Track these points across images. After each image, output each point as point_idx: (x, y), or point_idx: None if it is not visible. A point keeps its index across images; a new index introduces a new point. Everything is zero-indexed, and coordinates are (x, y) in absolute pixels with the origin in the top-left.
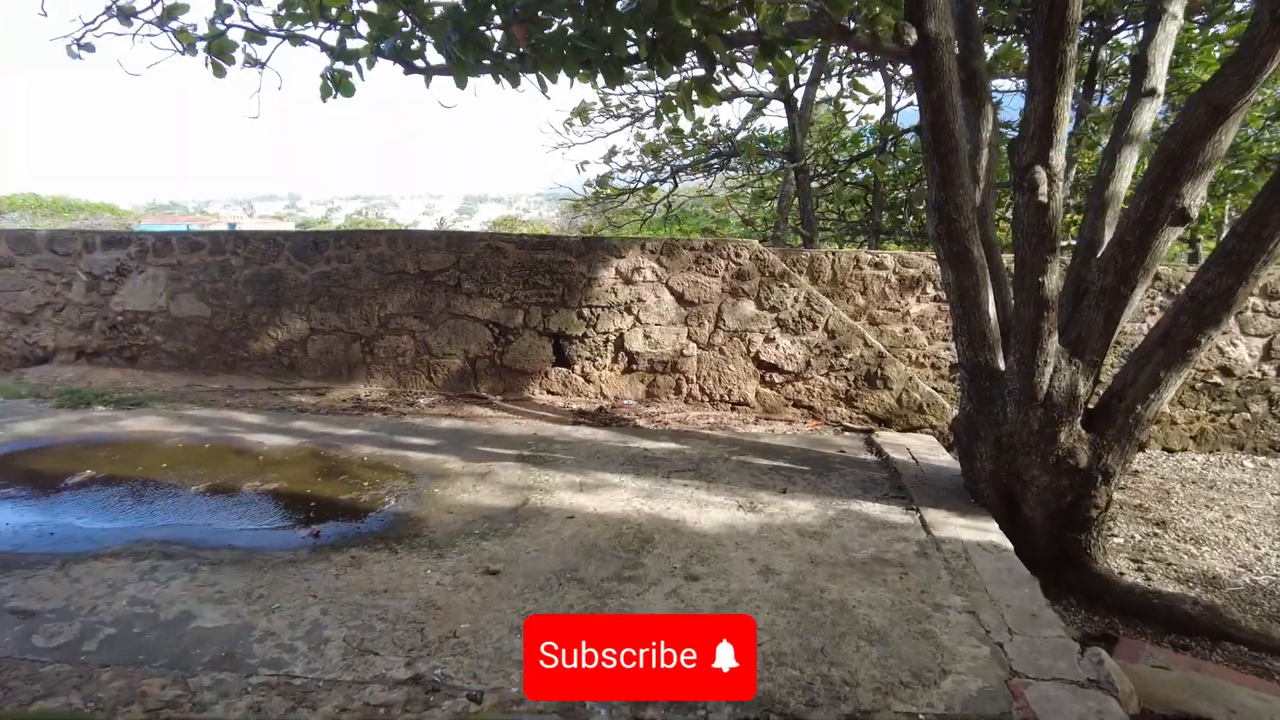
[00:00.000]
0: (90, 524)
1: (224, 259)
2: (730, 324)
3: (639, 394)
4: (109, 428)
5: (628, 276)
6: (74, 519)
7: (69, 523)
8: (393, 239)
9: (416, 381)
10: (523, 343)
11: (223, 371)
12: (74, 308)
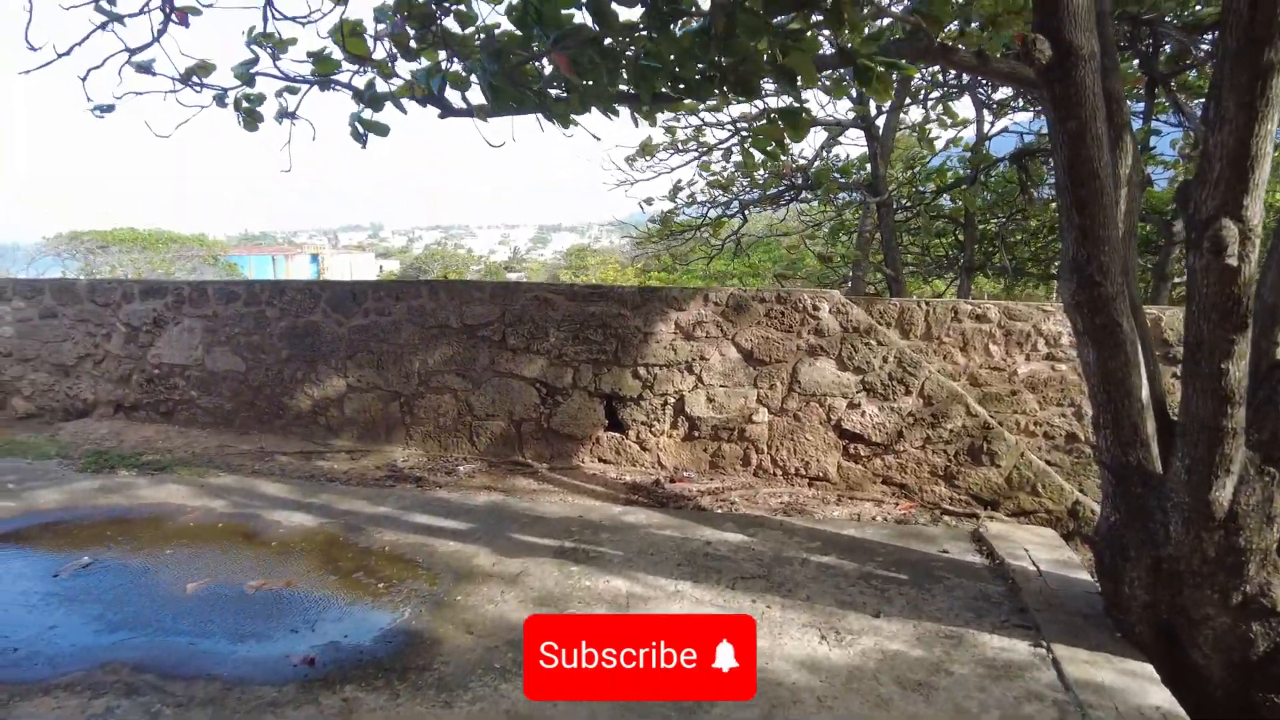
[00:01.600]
0: (62, 636)
1: (259, 310)
2: (807, 386)
3: (701, 464)
4: (125, 499)
5: (689, 331)
6: (48, 626)
7: (40, 633)
8: (434, 290)
9: (458, 445)
10: (572, 404)
11: (257, 429)
12: (113, 359)
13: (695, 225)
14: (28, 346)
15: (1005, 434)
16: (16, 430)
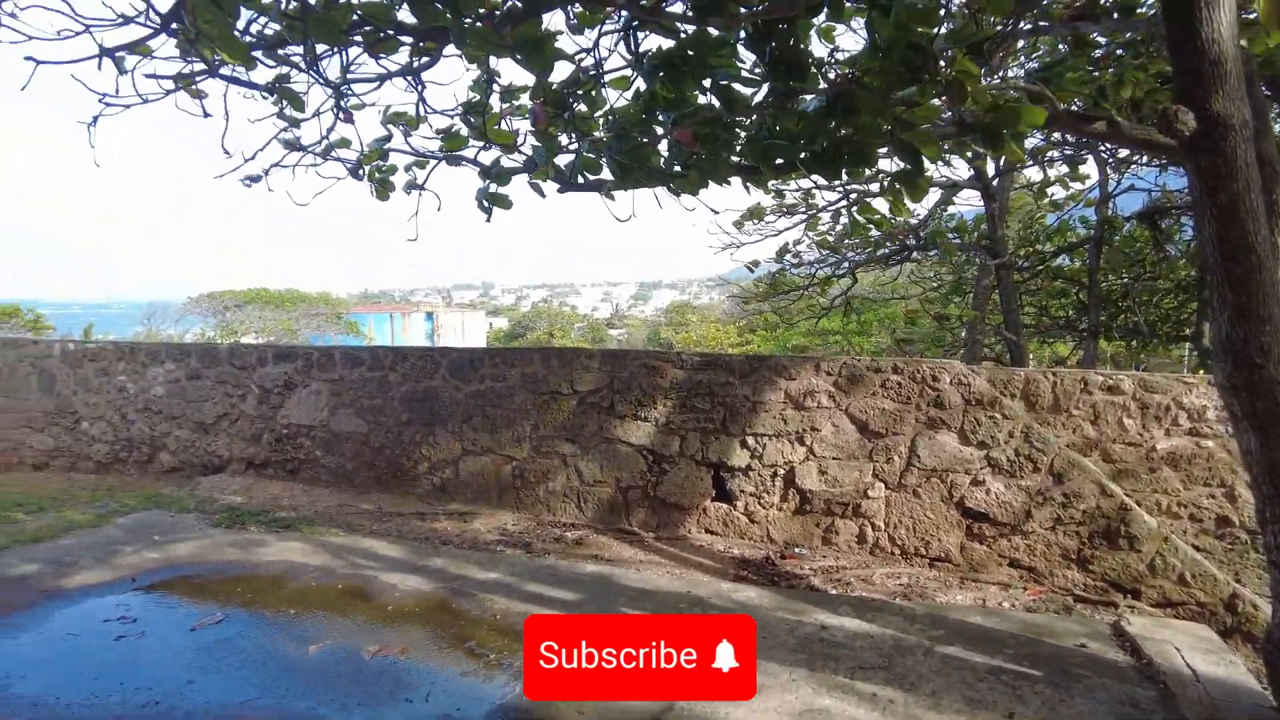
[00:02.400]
0: (198, 692)
1: (383, 375)
2: (926, 461)
3: (813, 540)
4: (254, 555)
5: (799, 401)
6: (186, 680)
7: (178, 687)
8: (546, 357)
9: (566, 510)
10: (679, 473)
11: (376, 489)
12: (246, 419)
13: (803, 285)
14: (175, 405)
15: (1144, 515)
16: (162, 483)
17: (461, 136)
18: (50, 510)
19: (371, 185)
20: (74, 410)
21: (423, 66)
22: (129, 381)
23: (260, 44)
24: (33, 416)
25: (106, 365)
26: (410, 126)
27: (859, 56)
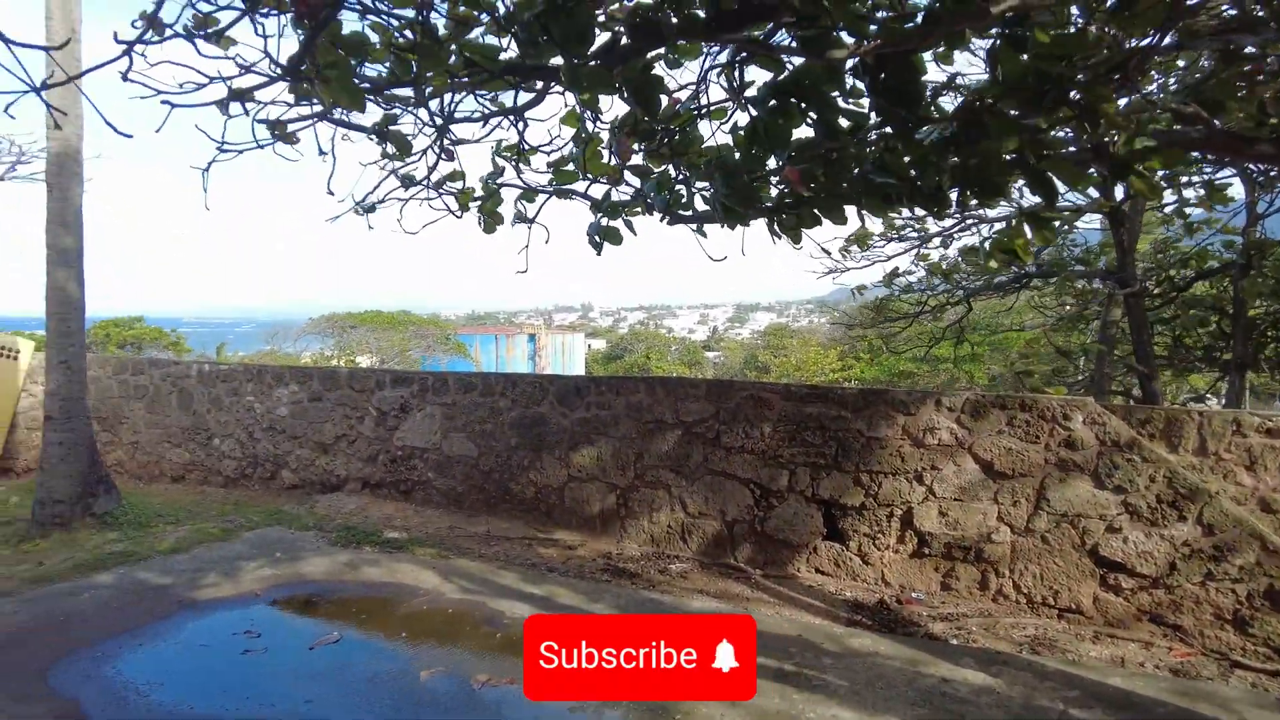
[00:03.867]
0: (314, 712)
1: (493, 400)
2: (1057, 505)
3: (931, 584)
4: (369, 575)
5: (918, 438)
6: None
7: (296, 706)
8: (651, 386)
9: (670, 542)
10: (787, 509)
11: (485, 512)
12: (363, 440)
13: (913, 313)
14: (297, 425)
15: None
16: (283, 499)
17: (571, 171)
18: (185, 522)
19: (480, 218)
20: (207, 427)
21: (527, 105)
22: (256, 401)
23: (370, 87)
24: (172, 432)
25: (237, 386)
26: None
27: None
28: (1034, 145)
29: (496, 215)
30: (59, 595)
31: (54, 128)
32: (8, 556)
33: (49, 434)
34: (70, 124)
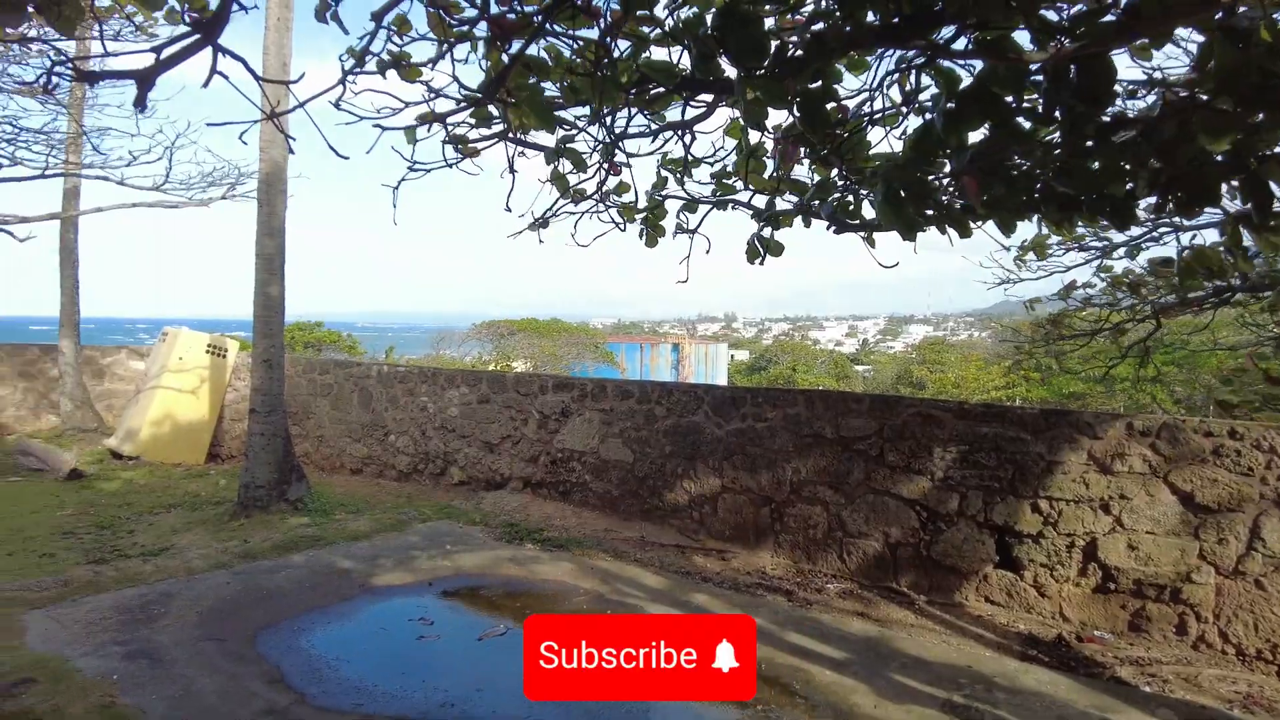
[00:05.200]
0: (485, 700)
1: (649, 408)
2: (1275, 546)
3: (1117, 624)
4: (530, 572)
5: (1105, 464)
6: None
7: (468, 694)
8: (810, 400)
9: (826, 560)
10: (956, 533)
11: (638, 518)
12: (526, 442)
13: (1094, 330)
14: (466, 425)
15: None
16: (451, 495)
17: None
18: (364, 512)
19: (643, 230)
20: (384, 424)
21: (695, 119)
22: (429, 402)
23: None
24: (352, 428)
25: (412, 387)
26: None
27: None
28: (1250, 146)
29: (659, 228)
30: (262, 572)
31: (288, 152)
32: (220, 533)
33: (252, 425)
34: (278, 147)
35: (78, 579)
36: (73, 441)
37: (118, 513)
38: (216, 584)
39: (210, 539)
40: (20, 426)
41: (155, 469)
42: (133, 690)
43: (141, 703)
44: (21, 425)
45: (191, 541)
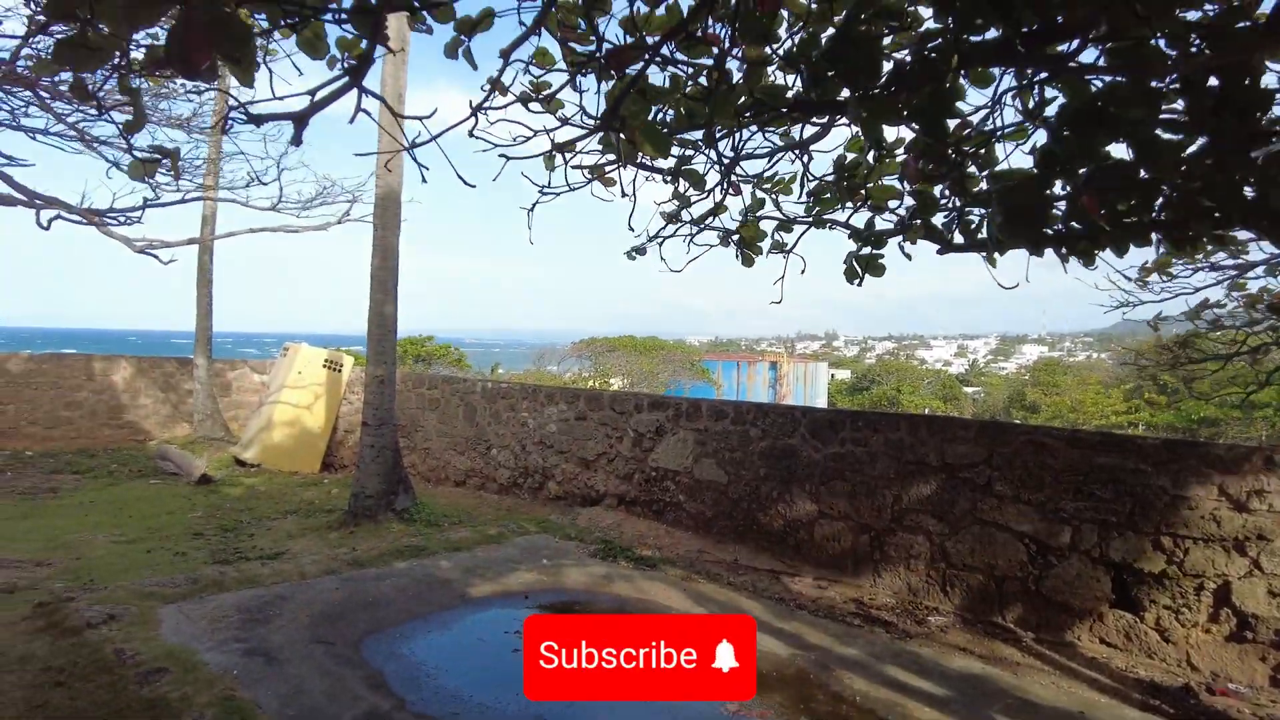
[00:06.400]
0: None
1: (744, 429)
2: None
3: (1255, 676)
4: (625, 589)
5: (1240, 501)
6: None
7: (557, 712)
8: (914, 425)
9: (929, 593)
10: (1068, 569)
11: (732, 540)
12: (621, 459)
13: (1230, 354)
14: (563, 441)
15: None
16: (548, 509)
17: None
18: (466, 524)
19: (738, 251)
20: (487, 439)
21: (813, 138)
22: (529, 418)
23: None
24: (457, 441)
25: (513, 403)
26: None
27: None
28: None
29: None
30: (368, 579)
31: (420, 181)
32: (332, 540)
33: (364, 438)
34: (393, 173)
35: (205, 578)
36: (203, 449)
37: (240, 517)
38: (326, 589)
39: (322, 545)
40: (160, 433)
41: (274, 476)
42: (251, 685)
43: (258, 697)
44: (161, 432)
45: (305, 547)
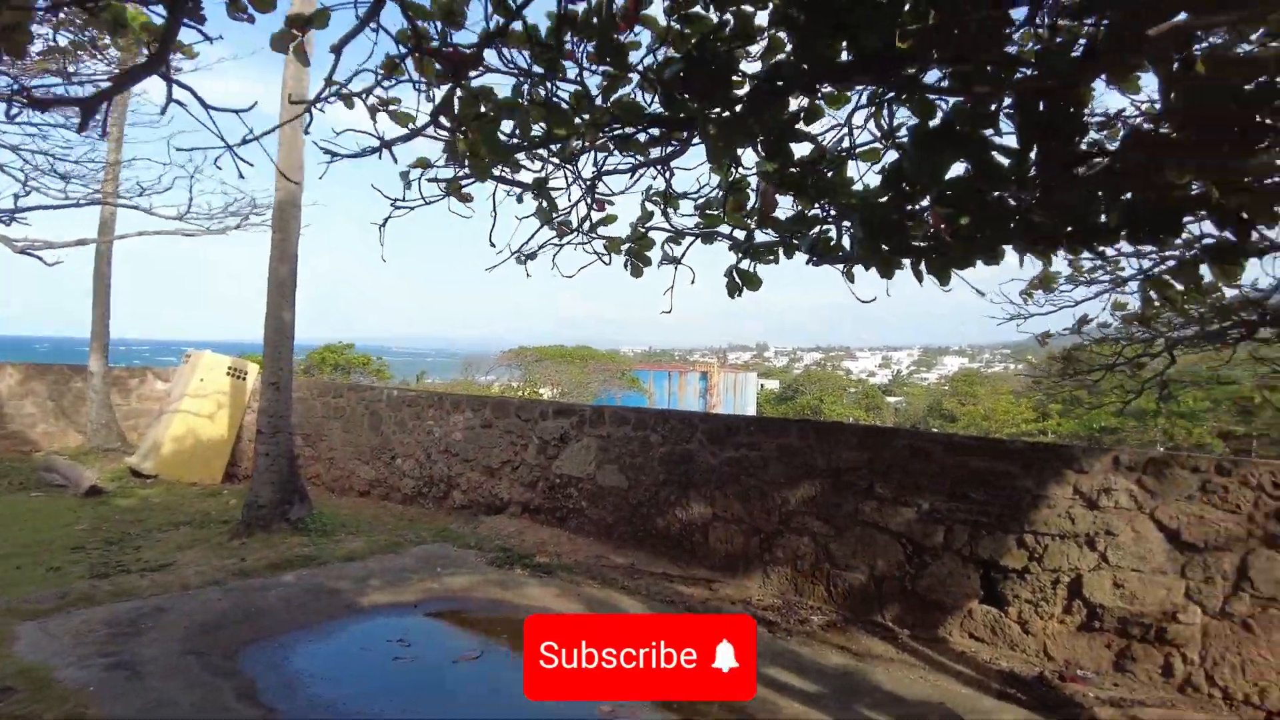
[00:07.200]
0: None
1: (645, 435)
2: (1264, 587)
3: (1101, 663)
4: (516, 597)
5: (1091, 499)
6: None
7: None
8: (803, 430)
9: (813, 592)
10: (941, 567)
11: (631, 544)
12: (526, 467)
13: (1106, 365)
14: (469, 449)
15: None
16: (451, 518)
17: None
18: (363, 534)
19: (626, 261)
20: (392, 448)
21: (671, 155)
22: (435, 426)
23: (524, 146)
24: (362, 450)
25: (420, 411)
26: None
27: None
28: (1220, 178)
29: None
30: (253, 589)
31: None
32: (221, 550)
33: (259, 446)
34: (294, 177)
35: (75, 592)
36: (96, 459)
37: (128, 529)
38: (208, 600)
39: (211, 556)
40: (48, 444)
41: (172, 487)
42: (107, 701)
43: (113, 713)
44: (49, 442)
45: (193, 558)
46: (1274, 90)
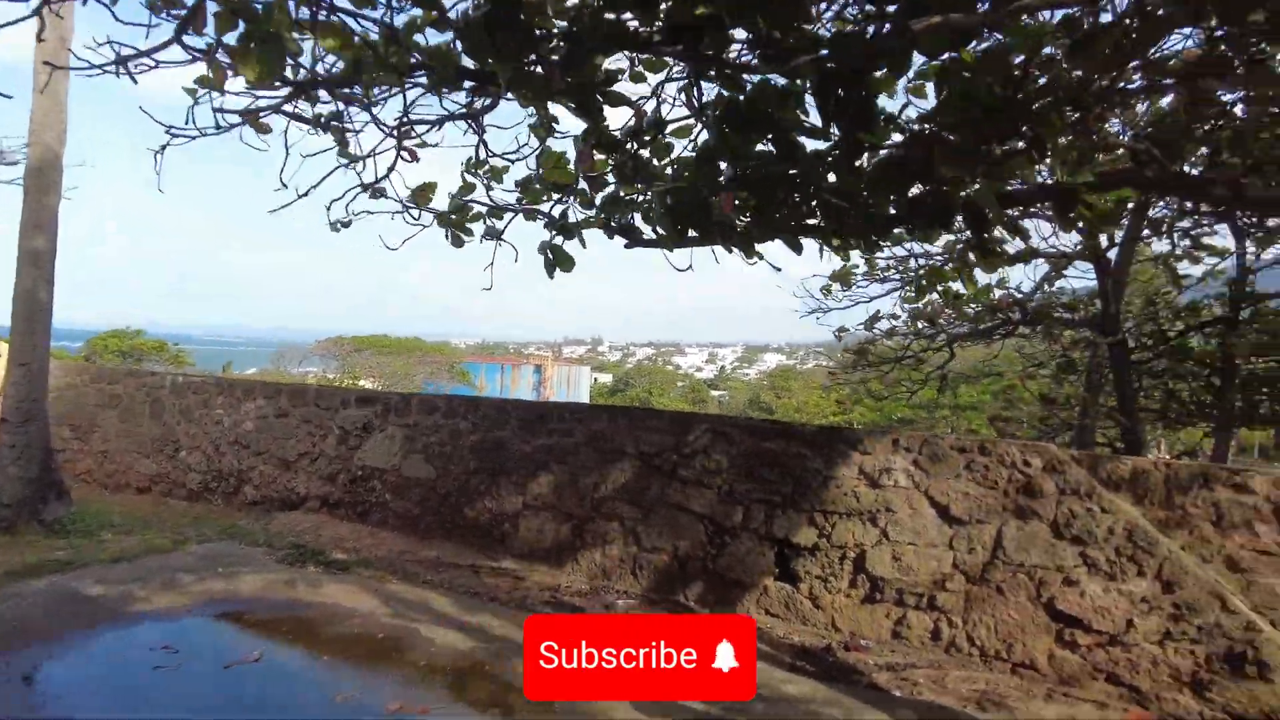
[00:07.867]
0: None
1: (455, 423)
2: (1013, 554)
3: (882, 632)
4: (306, 594)
5: (874, 478)
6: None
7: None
8: (613, 415)
9: (621, 576)
10: (740, 546)
11: (439, 537)
12: (325, 459)
13: (895, 358)
14: (262, 440)
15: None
16: (242, 515)
17: (538, 189)
18: (137, 533)
19: (446, 231)
20: (176, 439)
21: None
22: (225, 415)
23: (320, 82)
24: (142, 443)
25: (207, 398)
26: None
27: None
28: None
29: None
30: None
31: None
32: None
33: (2, 436)
34: (51, 130)
35: None
36: None
37: None
38: None
39: None
40: None
41: None
42: None
43: None
44: None
45: None
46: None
